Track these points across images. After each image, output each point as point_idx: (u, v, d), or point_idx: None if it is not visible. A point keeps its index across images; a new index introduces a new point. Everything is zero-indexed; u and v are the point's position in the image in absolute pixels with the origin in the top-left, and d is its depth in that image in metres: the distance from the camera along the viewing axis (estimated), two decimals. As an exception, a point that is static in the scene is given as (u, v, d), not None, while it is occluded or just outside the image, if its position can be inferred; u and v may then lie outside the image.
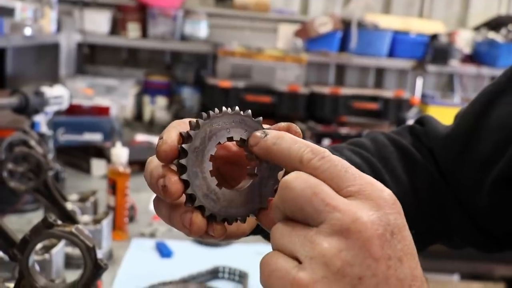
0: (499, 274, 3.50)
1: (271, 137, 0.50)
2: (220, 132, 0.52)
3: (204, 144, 0.52)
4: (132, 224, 1.78)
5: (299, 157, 0.47)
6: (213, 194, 0.52)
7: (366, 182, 0.46)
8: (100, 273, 0.79)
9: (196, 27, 3.81)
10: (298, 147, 0.48)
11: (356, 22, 3.79)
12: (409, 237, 0.46)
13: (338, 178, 0.46)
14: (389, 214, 0.45)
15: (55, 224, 0.78)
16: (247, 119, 0.53)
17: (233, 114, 0.53)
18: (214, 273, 1.51)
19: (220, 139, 0.52)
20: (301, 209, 0.46)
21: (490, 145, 0.80)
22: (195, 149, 0.51)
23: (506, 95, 0.80)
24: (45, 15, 2.82)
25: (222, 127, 0.52)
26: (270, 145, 0.50)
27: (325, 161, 0.47)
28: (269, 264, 0.46)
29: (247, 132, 0.53)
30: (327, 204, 0.44)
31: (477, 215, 0.83)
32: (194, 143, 0.51)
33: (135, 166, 2.18)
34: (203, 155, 0.52)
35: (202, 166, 0.52)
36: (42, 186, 1.37)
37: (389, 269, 0.43)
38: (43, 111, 1.89)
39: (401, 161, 0.87)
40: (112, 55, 4.06)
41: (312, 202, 0.45)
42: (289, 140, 0.49)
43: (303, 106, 3.70)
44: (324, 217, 0.44)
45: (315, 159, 0.47)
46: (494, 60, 3.87)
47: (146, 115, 3.68)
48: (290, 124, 0.54)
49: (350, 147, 0.89)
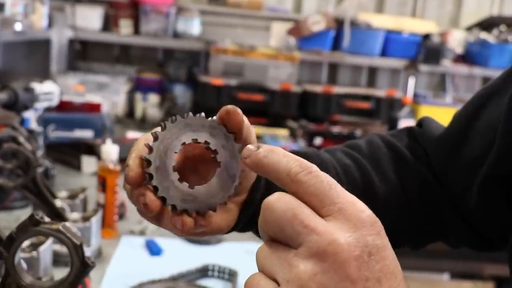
0: (488, 273, 3.52)
1: (262, 150, 0.51)
2: (172, 144, 0.59)
3: (163, 160, 0.59)
4: (121, 221, 1.77)
5: (287, 170, 0.48)
6: (189, 196, 0.59)
7: (347, 201, 0.46)
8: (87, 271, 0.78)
9: (188, 24, 3.79)
10: (287, 161, 0.49)
11: (349, 21, 3.79)
12: (390, 256, 0.46)
13: (323, 194, 0.47)
14: (367, 236, 0.45)
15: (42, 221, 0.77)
16: (190, 121, 0.60)
17: (176, 123, 0.60)
18: (204, 271, 1.50)
19: (174, 150, 0.59)
20: (282, 230, 0.47)
21: (479, 146, 0.80)
22: (158, 169, 0.58)
23: (498, 98, 0.80)
24: (36, 11, 2.80)
25: (171, 139, 0.59)
26: (261, 158, 0.51)
27: (311, 176, 0.47)
28: (252, 285, 0.47)
29: (195, 132, 0.60)
30: (306, 226, 0.45)
31: (468, 215, 0.84)
32: (154, 164, 0.58)
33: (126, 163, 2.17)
34: (166, 170, 0.59)
35: (170, 179, 0.59)
36: (31, 183, 1.36)
37: None
38: (33, 107, 1.88)
39: (392, 162, 0.87)
40: (104, 52, 4.04)
41: (292, 224, 0.46)
42: (279, 154, 0.50)
43: (296, 104, 3.69)
44: (302, 239, 0.45)
45: (302, 173, 0.47)
46: (486, 61, 3.88)
47: (137, 112, 3.67)
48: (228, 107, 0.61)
49: (344, 149, 0.90)
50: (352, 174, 0.84)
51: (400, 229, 0.85)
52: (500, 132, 0.75)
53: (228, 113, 0.61)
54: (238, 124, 0.62)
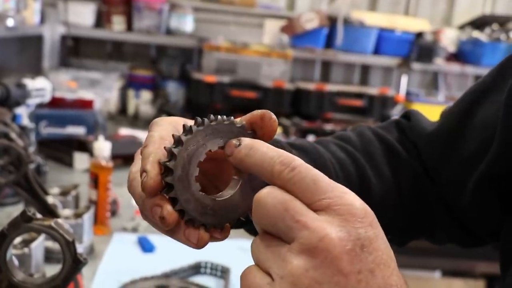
0: (480, 271, 3.54)
1: (243, 147, 0.50)
2: (197, 152, 0.52)
3: (186, 170, 0.51)
4: (114, 218, 1.77)
5: (269, 170, 0.48)
6: (209, 209, 0.53)
7: (335, 195, 0.46)
8: (79, 268, 0.78)
9: (181, 21, 3.79)
10: (269, 159, 0.48)
11: (342, 18, 3.79)
12: (382, 245, 0.46)
13: (308, 191, 0.46)
14: (359, 228, 0.45)
15: (34, 217, 0.77)
16: (219, 126, 0.53)
17: (204, 128, 0.52)
18: (196, 268, 1.50)
19: (199, 158, 0.52)
20: (274, 224, 0.46)
21: (474, 145, 0.80)
22: (179, 179, 0.51)
23: (491, 95, 0.80)
24: (28, 6, 2.79)
25: (197, 146, 0.52)
26: (243, 157, 0.50)
27: (295, 173, 0.47)
28: (247, 278, 0.47)
29: (223, 139, 0.53)
30: (297, 221, 0.45)
31: (459, 213, 0.84)
32: (176, 173, 0.51)
33: (118, 160, 2.17)
34: (188, 181, 0.52)
35: (191, 191, 0.52)
36: (23, 179, 1.36)
37: (360, 282, 0.44)
38: (24, 104, 1.87)
39: (386, 156, 0.87)
40: (97, 48, 4.02)
41: (284, 219, 0.46)
42: (261, 151, 0.49)
43: (288, 102, 3.70)
44: (294, 234, 0.45)
45: (286, 171, 0.47)
46: (478, 59, 3.90)
47: (130, 109, 3.66)
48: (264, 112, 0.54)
49: (336, 141, 0.89)
50: (348, 168, 0.83)
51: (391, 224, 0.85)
52: (499, 130, 0.74)
53: (263, 119, 0.54)
54: (271, 133, 0.55)
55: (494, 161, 0.75)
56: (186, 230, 0.53)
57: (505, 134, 0.74)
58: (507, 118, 0.74)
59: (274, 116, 0.55)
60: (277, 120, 0.55)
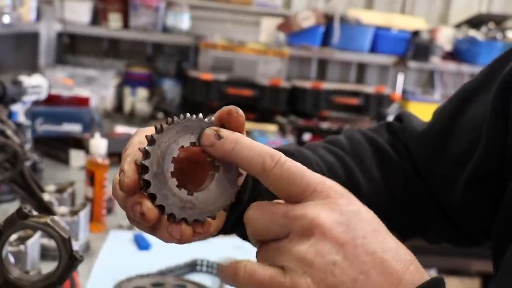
0: (475, 270, 3.54)
1: (228, 141, 0.53)
2: (170, 148, 0.54)
3: (161, 166, 0.54)
4: (110, 216, 1.77)
5: (260, 165, 0.52)
6: (188, 203, 0.55)
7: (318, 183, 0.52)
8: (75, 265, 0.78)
9: (178, 19, 3.78)
10: (258, 154, 0.52)
11: (338, 17, 3.79)
12: (367, 216, 0.52)
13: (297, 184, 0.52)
14: (341, 205, 0.51)
15: (30, 214, 0.76)
16: (188, 123, 0.55)
17: (174, 125, 0.55)
18: (192, 266, 1.50)
19: (173, 154, 0.55)
20: (268, 231, 0.52)
21: (464, 143, 0.80)
22: (155, 175, 0.54)
23: (481, 94, 0.80)
24: (24, 3, 2.78)
25: (169, 142, 0.54)
26: (229, 151, 0.53)
27: (284, 169, 0.52)
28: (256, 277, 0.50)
29: (193, 135, 0.55)
30: (286, 217, 0.51)
31: (451, 212, 0.84)
32: (152, 170, 0.54)
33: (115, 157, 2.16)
34: (164, 176, 0.54)
35: (168, 186, 0.54)
36: (19, 177, 1.35)
37: (356, 247, 0.49)
38: (20, 101, 1.87)
39: (375, 159, 0.87)
40: (93, 46, 4.01)
41: (274, 221, 0.51)
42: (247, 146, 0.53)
43: (285, 100, 3.69)
44: (289, 228, 0.51)
45: (276, 166, 0.52)
46: (474, 58, 3.90)
47: (126, 107, 3.65)
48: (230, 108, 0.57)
49: (325, 145, 0.89)
50: (336, 171, 0.83)
51: None
52: (486, 129, 0.75)
53: (230, 115, 0.56)
54: (239, 127, 0.57)
55: (481, 160, 0.76)
56: (169, 226, 0.55)
57: (491, 132, 0.74)
58: (493, 117, 0.74)
59: (241, 111, 0.57)
60: (243, 115, 0.57)
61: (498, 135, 0.74)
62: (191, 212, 0.55)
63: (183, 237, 0.55)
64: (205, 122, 0.56)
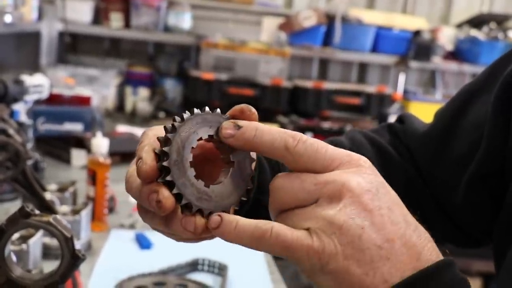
0: (476, 270, 3.54)
1: (248, 129, 0.54)
2: (190, 138, 0.54)
3: (181, 154, 0.54)
4: (111, 215, 1.77)
5: (283, 145, 0.52)
6: (204, 194, 0.55)
7: (344, 155, 0.52)
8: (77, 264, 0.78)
9: (179, 18, 3.78)
10: (279, 136, 0.52)
11: (340, 16, 3.79)
12: (391, 192, 0.53)
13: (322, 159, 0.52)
14: (370, 175, 0.52)
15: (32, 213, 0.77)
16: (207, 116, 0.56)
17: (194, 116, 0.55)
18: (194, 265, 1.50)
19: (192, 144, 0.55)
20: (296, 198, 0.51)
21: (466, 144, 0.80)
22: (175, 163, 0.53)
23: (482, 94, 0.80)
24: (26, 3, 2.78)
25: (189, 132, 0.55)
26: (250, 138, 0.53)
27: (307, 145, 0.52)
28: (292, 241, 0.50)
29: (212, 128, 0.56)
30: (316, 184, 0.51)
31: (452, 213, 0.84)
32: (172, 157, 0.53)
33: (116, 157, 2.17)
34: (183, 165, 0.54)
35: (187, 175, 0.54)
36: (21, 176, 1.35)
37: (383, 216, 0.50)
38: (22, 100, 1.87)
39: (377, 159, 0.87)
40: (94, 45, 4.02)
41: (303, 188, 0.51)
42: (267, 130, 0.53)
43: (286, 99, 3.70)
44: (318, 194, 0.51)
45: (299, 144, 0.52)
46: (476, 58, 3.90)
47: (128, 106, 3.65)
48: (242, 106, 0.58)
49: None
50: None
51: None
52: (487, 130, 0.75)
53: (243, 112, 0.57)
54: None
55: (483, 161, 0.76)
56: (183, 218, 0.54)
57: (492, 133, 0.74)
58: (494, 118, 0.74)
59: (254, 109, 0.58)
60: (256, 113, 0.58)
61: (499, 136, 0.74)
62: (207, 204, 0.55)
63: (197, 229, 0.54)
64: (222, 117, 0.57)
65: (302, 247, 0.49)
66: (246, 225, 0.52)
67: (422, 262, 0.50)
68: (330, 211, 0.49)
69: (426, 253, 0.51)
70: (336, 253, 0.49)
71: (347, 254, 0.49)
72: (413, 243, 0.50)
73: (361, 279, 0.49)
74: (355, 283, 0.49)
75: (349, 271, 0.49)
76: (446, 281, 0.50)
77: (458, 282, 0.51)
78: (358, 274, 0.49)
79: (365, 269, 0.49)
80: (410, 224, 0.51)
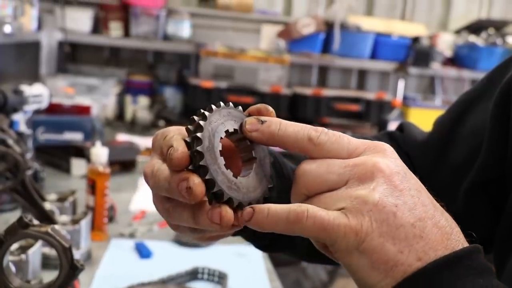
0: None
1: (273, 123, 0.55)
2: (219, 128, 0.55)
3: (212, 142, 0.53)
4: (111, 224, 1.77)
5: (306, 137, 0.53)
6: (233, 184, 0.54)
7: (368, 142, 0.54)
8: (76, 274, 0.78)
9: (179, 26, 3.80)
10: (302, 129, 0.54)
11: (339, 23, 3.80)
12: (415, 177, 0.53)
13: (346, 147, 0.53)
14: (396, 159, 0.53)
15: (30, 224, 0.77)
16: (232, 111, 0.56)
17: (221, 108, 0.56)
18: (194, 274, 1.50)
19: (221, 134, 0.55)
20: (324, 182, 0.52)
21: (465, 152, 0.80)
22: (208, 149, 0.53)
23: (481, 102, 0.81)
24: (25, 13, 2.79)
25: (218, 123, 0.55)
26: (275, 131, 0.54)
27: (329, 136, 0.53)
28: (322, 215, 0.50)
29: (236, 123, 0.56)
30: (345, 166, 0.51)
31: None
32: (204, 143, 0.53)
33: (116, 166, 2.17)
34: (214, 152, 0.53)
35: (218, 163, 0.53)
36: (20, 186, 1.36)
37: (413, 197, 0.51)
38: (22, 110, 1.88)
39: None
40: (94, 54, 4.03)
41: (332, 172, 0.52)
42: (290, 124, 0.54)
43: (286, 107, 3.71)
44: (348, 175, 0.51)
45: (321, 135, 0.53)
46: (475, 63, 3.91)
47: (127, 115, 3.66)
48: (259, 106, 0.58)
49: None
50: None
51: None
52: (486, 138, 0.75)
53: (260, 112, 0.57)
54: None
55: (482, 168, 0.76)
56: (209, 210, 0.53)
57: (491, 141, 0.74)
58: (493, 125, 0.74)
59: (271, 108, 0.58)
60: (274, 111, 0.58)
61: (498, 143, 0.74)
62: (236, 194, 0.54)
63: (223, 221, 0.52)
64: (245, 115, 0.57)
65: (339, 227, 0.49)
66: (279, 211, 0.51)
67: (452, 243, 0.51)
68: (362, 190, 0.50)
69: (455, 236, 0.52)
70: (372, 230, 0.49)
71: (383, 232, 0.49)
72: (442, 224, 0.51)
73: (396, 256, 0.49)
74: (390, 260, 0.49)
75: (384, 248, 0.49)
76: (475, 266, 0.50)
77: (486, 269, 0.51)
78: (393, 252, 0.49)
79: (400, 246, 0.49)
80: (438, 207, 0.52)
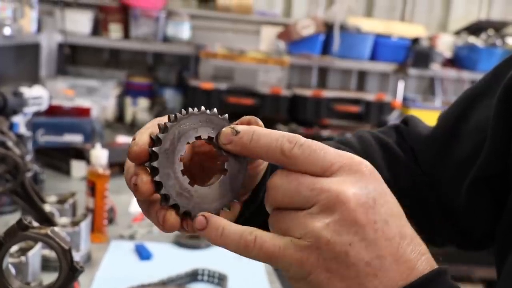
0: (478, 276, 3.54)
1: (245, 134, 0.53)
2: (188, 133, 0.54)
3: (173, 145, 0.53)
4: (111, 226, 1.77)
5: (279, 150, 0.51)
6: (186, 192, 0.54)
7: (344, 158, 0.51)
8: (76, 276, 0.78)
9: (178, 28, 3.80)
10: (275, 140, 0.51)
11: (338, 25, 3.80)
12: (391, 199, 0.51)
13: (320, 161, 0.50)
14: (369, 184, 0.50)
15: (30, 226, 0.77)
16: (213, 118, 0.55)
17: (200, 114, 0.55)
18: (193, 275, 1.50)
19: (188, 139, 0.54)
20: (291, 201, 0.50)
21: (468, 147, 0.80)
22: (165, 151, 0.53)
23: (485, 99, 0.81)
24: (25, 15, 2.79)
25: (189, 127, 0.54)
26: (247, 142, 0.52)
27: (304, 148, 0.50)
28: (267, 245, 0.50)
29: (214, 130, 0.55)
30: (312, 189, 0.49)
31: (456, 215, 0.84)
32: (163, 145, 0.53)
33: (116, 167, 2.17)
34: (173, 156, 0.53)
35: (174, 167, 0.53)
36: (20, 188, 1.36)
37: (377, 231, 0.48)
38: (21, 112, 1.87)
39: (385, 159, 0.87)
40: (94, 56, 4.03)
41: (299, 192, 0.50)
42: (264, 134, 0.52)
43: (285, 108, 3.70)
44: (312, 201, 0.49)
45: (295, 147, 0.50)
46: (474, 64, 3.91)
47: (127, 117, 3.66)
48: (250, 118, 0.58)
49: (335, 145, 0.89)
50: None
51: None
52: (490, 134, 0.75)
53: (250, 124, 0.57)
54: None
55: (485, 163, 0.76)
56: (158, 210, 0.54)
57: (495, 137, 0.75)
58: (496, 121, 0.75)
59: (260, 122, 0.58)
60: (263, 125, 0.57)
61: (502, 139, 0.74)
62: (185, 202, 0.54)
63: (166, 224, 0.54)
64: (228, 123, 0.56)
65: (284, 257, 0.49)
66: (232, 234, 0.51)
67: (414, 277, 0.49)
68: (319, 223, 0.48)
69: (419, 267, 0.50)
70: (318, 265, 0.48)
71: (331, 268, 0.48)
72: (406, 258, 0.49)
73: None
74: None
75: (331, 284, 0.49)
76: None
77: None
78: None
79: (348, 283, 0.48)
80: (405, 237, 0.50)
